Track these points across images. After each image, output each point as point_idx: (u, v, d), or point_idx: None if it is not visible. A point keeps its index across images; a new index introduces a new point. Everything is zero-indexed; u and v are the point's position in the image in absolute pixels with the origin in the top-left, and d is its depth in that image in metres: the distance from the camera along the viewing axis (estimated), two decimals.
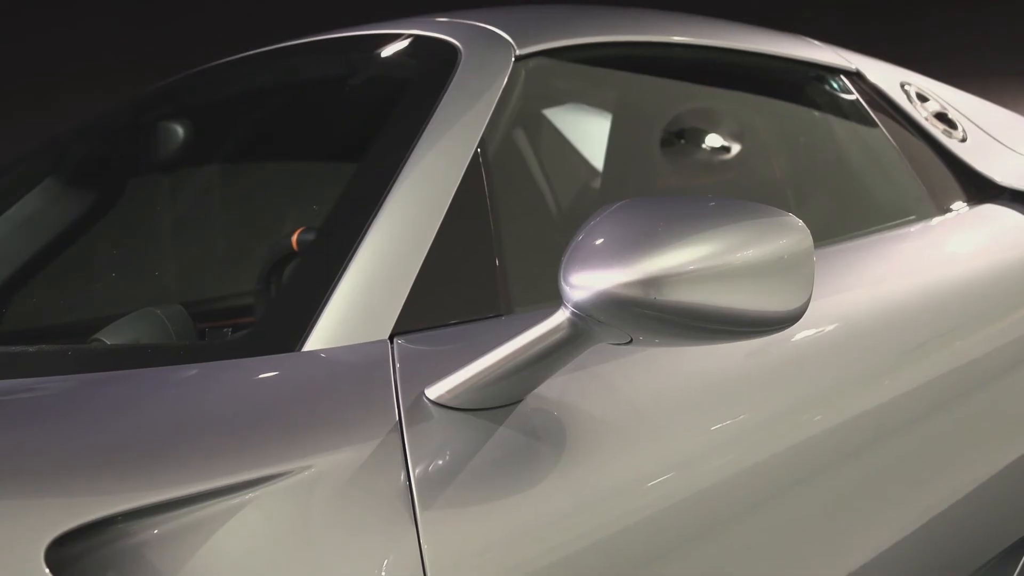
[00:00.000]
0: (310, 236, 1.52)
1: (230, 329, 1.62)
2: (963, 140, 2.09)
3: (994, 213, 1.94)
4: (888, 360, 1.48)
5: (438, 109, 1.33)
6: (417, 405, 1.03)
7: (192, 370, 1.08)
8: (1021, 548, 1.75)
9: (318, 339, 1.09)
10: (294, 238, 1.55)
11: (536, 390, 1.08)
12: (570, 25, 1.63)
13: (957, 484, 1.56)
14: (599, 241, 0.94)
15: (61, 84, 4.39)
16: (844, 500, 1.37)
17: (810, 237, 1.01)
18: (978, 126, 2.18)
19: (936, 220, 1.89)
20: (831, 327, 1.42)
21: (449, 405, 1.04)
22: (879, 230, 1.79)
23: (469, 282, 1.23)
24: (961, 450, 1.58)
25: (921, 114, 2.08)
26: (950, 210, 1.93)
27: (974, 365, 1.61)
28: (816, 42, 2.08)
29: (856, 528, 1.40)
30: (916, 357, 1.53)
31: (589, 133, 1.70)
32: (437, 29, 1.54)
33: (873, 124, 1.99)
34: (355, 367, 1.07)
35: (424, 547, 0.96)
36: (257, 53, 1.85)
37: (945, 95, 2.23)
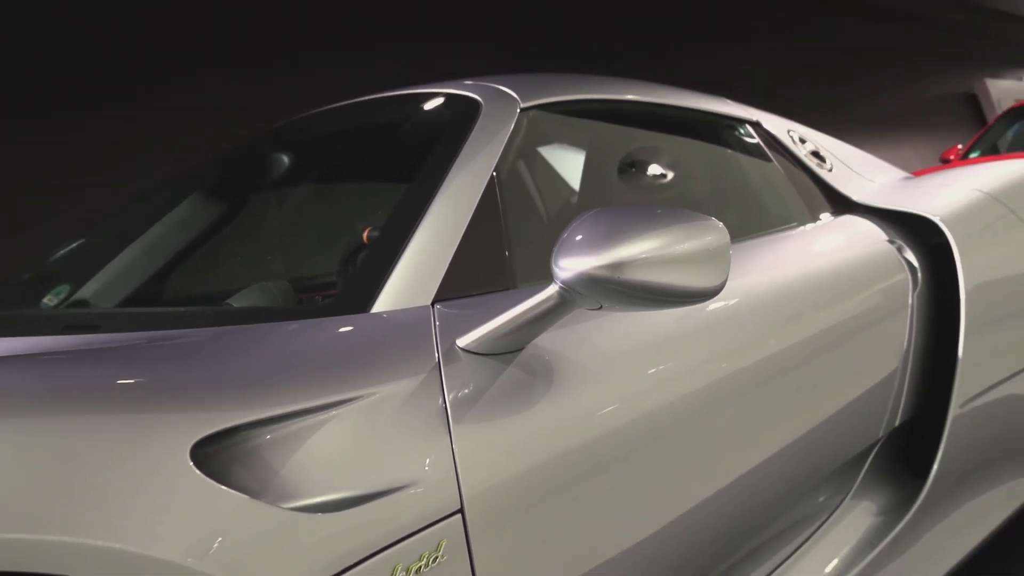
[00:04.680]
0: (376, 233, 1.50)
1: (320, 297, 1.61)
2: (831, 170, 2.08)
3: (851, 222, 1.93)
4: (775, 324, 1.47)
5: (465, 145, 1.32)
6: (451, 351, 1.03)
7: (294, 325, 1.07)
8: (865, 455, 1.75)
9: (382, 304, 1.08)
10: (365, 235, 1.54)
11: (534, 340, 1.07)
12: (560, 87, 1.62)
13: (822, 410, 1.55)
14: (579, 237, 0.93)
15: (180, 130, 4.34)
16: (743, 422, 1.36)
17: (727, 235, 1.00)
18: (841, 160, 2.17)
19: (810, 226, 1.88)
20: (735, 300, 1.41)
21: (474, 351, 1.04)
22: (771, 232, 1.77)
23: (487, 265, 1.22)
24: (824, 387, 1.57)
25: (802, 152, 2.06)
26: (820, 219, 1.92)
27: (834, 328, 1.60)
28: (730, 101, 2.07)
29: (752, 441, 1.39)
30: (795, 322, 1.52)
31: (572, 162, 1.69)
32: (465, 88, 1.53)
33: (768, 159, 1.98)
34: (407, 324, 1.07)
35: (455, 450, 0.96)
36: (340, 105, 1.85)
37: (818, 139, 2.22)
